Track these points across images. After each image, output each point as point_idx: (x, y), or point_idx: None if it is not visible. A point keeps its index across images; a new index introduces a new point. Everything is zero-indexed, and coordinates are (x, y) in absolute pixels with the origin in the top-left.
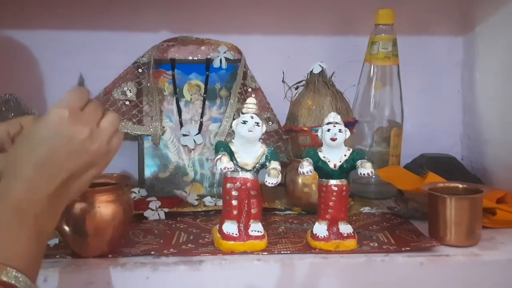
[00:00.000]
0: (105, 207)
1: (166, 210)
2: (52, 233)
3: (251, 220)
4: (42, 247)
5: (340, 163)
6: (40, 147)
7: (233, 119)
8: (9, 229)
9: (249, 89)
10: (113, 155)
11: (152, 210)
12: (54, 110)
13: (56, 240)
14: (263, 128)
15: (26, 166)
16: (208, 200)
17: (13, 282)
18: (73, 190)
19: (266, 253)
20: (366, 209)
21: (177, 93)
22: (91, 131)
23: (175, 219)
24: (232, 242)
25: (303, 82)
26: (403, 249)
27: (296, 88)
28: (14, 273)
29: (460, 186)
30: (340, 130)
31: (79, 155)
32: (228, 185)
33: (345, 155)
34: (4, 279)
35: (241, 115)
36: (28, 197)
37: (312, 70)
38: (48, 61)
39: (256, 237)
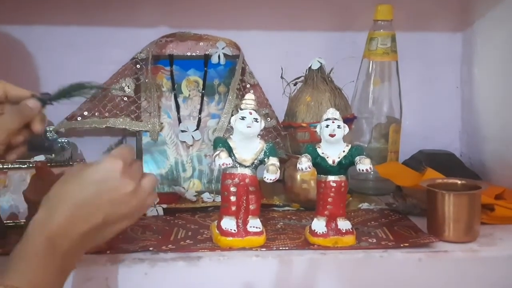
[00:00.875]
0: None
1: (165, 206)
2: (70, 272)
3: (250, 216)
4: (62, 283)
5: (338, 159)
6: (87, 188)
7: (232, 115)
8: (40, 259)
9: (248, 85)
10: (143, 213)
11: (151, 206)
12: (110, 159)
13: None
14: (261, 124)
15: (69, 203)
16: (206, 196)
17: None
18: (102, 236)
19: (264, 249)
20: (364, 205)
21: (175, 89)
22: (135, 186)
23: (173, 215)
24: (231, 238)
25: (302, 78)
26: (401, 245)
27: (295, 84)
28: None
29: (459, 182)
30: (338, 126)
31: (119, 206)
32: (227, 181)
33: (343, 151)
34: None
35: (239, 111)
36: (63, 233)
37: (310, 66)
38: (45, 56)
39: (255, 233)
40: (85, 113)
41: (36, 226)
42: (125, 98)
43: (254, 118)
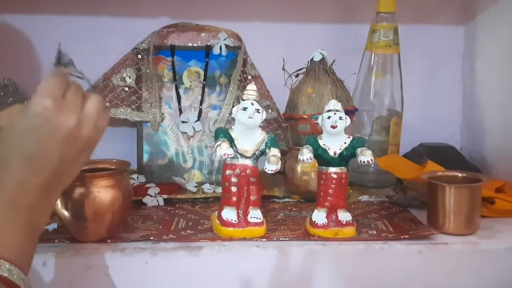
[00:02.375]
0: (104, 192)
1: (165, 196)
2: (44, 225)
3: (250, 207)
4: (35, 240)
5: (340, 151)
6: (27, 139)
7: (233, 107)
8: (3, 221)
9: (249, 77)
10: (100, 136)
11: (151, 196)
12: (36, 101)
13: (55, 225)
14: (263, 115)
15: (14, 159)
16: (207, 187)
17: (6, 275)
18: (66, 177)
19: (265, 239)
20: (364, 198)
21: (177, 80)
22: (78, 118)
23: (174, 206)
24: (231, 229)
25: (303, 70)
26: (401, 237)
27: (296, 76)
28: (7, 265)
29: (460, 175)
30: (340, 118)
31: (69, 144)
32: (228, 171)
33: (345, 143)
34: None
35: (241, 101)
36: (20, 189)
37: (312, 57)
38: (46, 46)
39: (255, 224)
40: None
41: None
42: (126, 89)
43: (255, 109)
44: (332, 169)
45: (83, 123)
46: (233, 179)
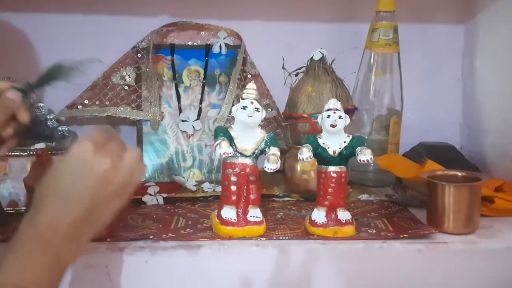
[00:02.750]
0: None
1: (165, 195)
2: (71, 263)
3: (250, 206)
4: (60, 275)
5: (339, 150)
6: (63, 179)
7: (232, 105)
8: (31, 254)
9: (249, 76)
10: (134, 186)
11: (151, 195)
12: (77, 144)
13: None
14: (263, 114)
15: (50, 199)
16: (206, 186)
17: None
18: (96, 220)
19: (264, 238)
20: (364, 197)
21: (176, 79)
22: (113, 162)
23: (173, 204)
24: (231, 228)
25: (303, 69)
26: (401, 236)
27: (296, 75)
28: None
29: (459, 174)
30: (340, 117)
31: (102, 186)
32: (227, 170)
33: (344, 142)
34: None
35: (241, 100)
36: (49, 226)
37: (312, 56)
38: (46, 45)
39: (255, 223)
40: (86, 101)
41: (26, 223)
42: (126, 87)
43: (255, 108)
44: (331, 168)
45: (117, 168)
46: (233, 178)
